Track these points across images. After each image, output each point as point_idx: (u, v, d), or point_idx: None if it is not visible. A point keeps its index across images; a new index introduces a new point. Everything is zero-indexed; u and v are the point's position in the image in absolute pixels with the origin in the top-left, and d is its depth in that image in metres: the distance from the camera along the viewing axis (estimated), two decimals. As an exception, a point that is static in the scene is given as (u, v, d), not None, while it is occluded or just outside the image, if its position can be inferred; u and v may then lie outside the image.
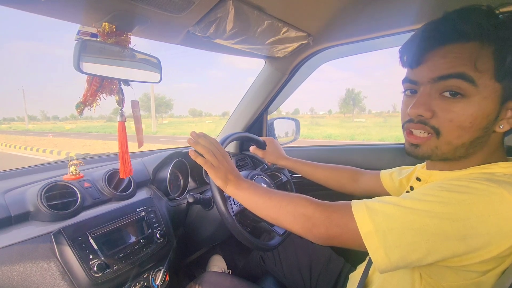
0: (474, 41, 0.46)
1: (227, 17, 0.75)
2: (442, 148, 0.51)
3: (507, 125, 0.48)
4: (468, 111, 0.47)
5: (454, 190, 0.45)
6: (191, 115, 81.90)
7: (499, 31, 0.44)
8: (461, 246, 0.42)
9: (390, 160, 1.16)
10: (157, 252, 0.82)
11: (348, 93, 53.92)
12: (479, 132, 0.48)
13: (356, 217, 0.48)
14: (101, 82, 0.67)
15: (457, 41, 0.47)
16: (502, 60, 0.44)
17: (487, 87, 0.46)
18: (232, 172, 0.71)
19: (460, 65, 0.46)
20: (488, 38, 0.45)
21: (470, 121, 0.47)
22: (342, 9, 0.83)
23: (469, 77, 0.46)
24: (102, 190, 0.82)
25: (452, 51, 0.47)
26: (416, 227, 0.44)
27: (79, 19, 0.64)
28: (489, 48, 0.45)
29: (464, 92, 0.47)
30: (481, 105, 0.46)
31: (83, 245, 0.67)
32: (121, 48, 0.68)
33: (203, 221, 0.97)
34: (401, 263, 0.45)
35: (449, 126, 0.49)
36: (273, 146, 1.04)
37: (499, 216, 0.42)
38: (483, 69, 0.45)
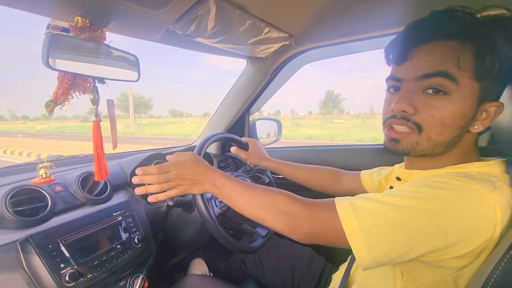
0: (457, 40, 0.47)
1: (208, 15, 0.73)
2: (422, 144, 0.52)
3: (481, 126, 0.50)
4: (449, 108, 0.48)
5: (435, 186, 0.46)
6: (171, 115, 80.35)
7: (480, 32, 0.46)
8: (441, 241, 0.43)
9: (369, 160, 1.19)
10: (135, 258, 0.79)
11: (328, 95, 55.14)
12: (457, 131, 0.50)
13: (340, 215, 0.48)
14: (74, 79, 0.63)
15: (441, 39, 0.48)
16: (482, 60, 0.46)
17: (467, 86, 0.47)
18: (200, 173, 0.65)
19: (443, 63, 0.48)
20: (470, 37, 0.46)
21: (450, 118, 0.49)
22: (324, 11, 0.83)
23: (452, 75, 0.47)
24: (75, 194, 0.78)
25: (436, 49, 0.49)
26: (399, 223, 0.44)
27: (49, 12, 0.60)
28: (470, 48, 0.46)
29: (446, 90, 0.48)
30: (461, 104, 0.48)
31: (53, 253, 0.62)
32: (95, 44, 0.65)
33: (184, 224, 0.95)
34: (384, 260, 0.46)
35: (431, 122, 0.50)
36: (256, 148, 1.03)
37: (476, 212, 0.43)
38: (464, 67, 0.47)
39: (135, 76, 0.76)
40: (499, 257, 0.41)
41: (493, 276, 0.41)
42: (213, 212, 0.75)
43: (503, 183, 0.48)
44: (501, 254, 0.41)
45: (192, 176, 0.65)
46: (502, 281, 0.40)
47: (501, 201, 0.44)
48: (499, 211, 0.43)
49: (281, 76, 1.26)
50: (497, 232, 0.43)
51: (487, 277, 0.42)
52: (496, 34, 0.45)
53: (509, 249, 0.41)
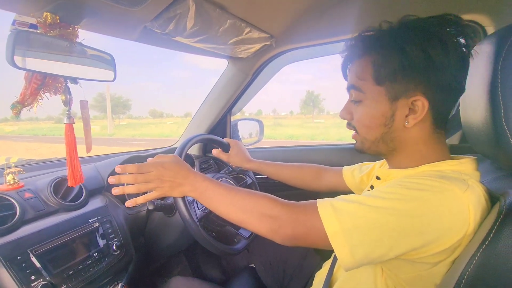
0: (362, 57, 0.56)
1: (187, 13, 0.71)
2: (365, 143, 0.60)
3: (412, 121, 0.54)
4: (364, 111, 0.57)
5: (412, 188, 0.48)
6: (151, 116, 78.41)
7: (376, 46, 0.54)
8: (419, 240, 0.45)
9: (349, 158, 1.22)
10: (113, 265, 0.76)
11: (308, 95, 55.95)
12: (382, 128, 0.56)
13: (322, 217, 0.49)
14: (44, 79, 0.59)
15: (355, 59, 0.58)
16: (378, 68, 0.53)
17: (372, 91, 0.55)
18: (181, 176, 0.63)
19: (352, 78, 0.58)
20: (369, 52, 0.55)
21: (368, 119, 0.57)
22: (304, 12, 0.84)
23: (357, 86, 0.57)
24: (47, 201, 0.74)
25: (352, 67, 0.59)
26: (379, 224, 0.46)
27: (14, 8, 0.56)
28: (370, 60, 0.55)
29: (358, 98, 0.58)
30: (372, 106, 0.56)
31: (23, 265, 0.59)
32: (67, 42, 0.61)
33: (165, 228, 0.92)
34: (365, 260, 0.47)
35: (358, 125, 0.60)
36: (238, 149, 1.02)
37: (451, 211, 0.45)
38: (365, 77, 0.55)
39: (111, 76, 0.73)
40: (472, 252, 0.43)
41: (468, 270, 0.43)
42: (195, 215, 0.73)
43: (475, 180, 0.51)
44: (474, 249, 0.43)
45: (173, 178, 0.63)
46: (476, 275, 0.42)
47: (473, 199, 0.47)
48: (472, 209, 0.46)
49: (262, 77, 1.26)
50: (470, 229, 0.46)
51: (461, 271, 0.43)
52: (392, 45, 0.52)
53: (481, 244, 0.43)
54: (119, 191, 0.62)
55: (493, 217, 0.45)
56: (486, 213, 0.48)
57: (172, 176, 0.63)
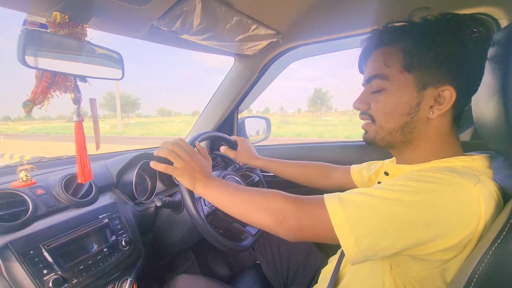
0: (388, 46, 0.56)
1: (194, 11, 0.71)
2: (380, 132, 0.59)
3: (437, 111, 0.53)
4: (388, 99, 0.56)
5: (421, 180, 0.47)
6: (159, 114, 79.17)
7: (409, 35, 0.54)
8: (426, 233, 0.44)
9: (357, 156, 1.21)
10: (122, 261, 0.77)
11: (316, 93, 55.51)
12: (404, 117, 0.55)
13: (328, 208, 0.49)
14: (53, 78, 0.60)
15: (378, 47, 0.58)
16: (408, 55, 0.53)
17: (399, 79, 0.55)
18: (200, 171, 0.67)
19: (375, 67, 0.58)
20: (401, 40, 0.55)
21: (391, 107, 0.56)
22: (311, 8, 0.83)
23: (382, 75, 0.56)
24: (58, 197, 0.75)
25: (374, 57, 0.59)
26: (385, 215, 0.45)
27: (24, 8, 0.57)
28: (399, 47, 0.54)
29: (382, 87, 0.57)
30: (398, 94, 0.55)
31: (35, 259, 0.60)
32: (76, 41, 0.62)
33: (173, 225, 0.93)
34: (370, 252, 0.46)
35: (378, 113, 0.58)
36: (245, 146, 1.03)
37: (461, 204, 0.44)
38: (392, 65, 0.55)
39: (119, 74, 0.73)
40: (484, 250, 0.42)
41: (479, 269, 0.42)
42: (202, 211, 0.74)
43: (487, 177, 0.50)
44: (486, 247, 0.42)
45: (192, 170, 0.66)
46: (488, 274, 0.41)
47: (484, 194, 0.45)
48: (483, 204, 0.44)
49: (269, 74, 1.25)
50: (481, 224, 0.45)
51: (472, 270, 0.42)
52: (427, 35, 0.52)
53: (493, 242, 0.42)
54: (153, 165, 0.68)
55: (506, 215, 0.44)
56: (499, 210, 0.47)
57: (196, 169, 0.67)
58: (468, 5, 0.78)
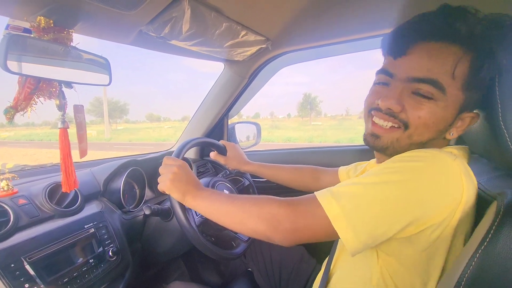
0: (462, 45, 0.47)
1: (183, 17, 0.71)
2: (402, 141, 0.53)
3: (456, 133, 0.54)
4: (434, 111, 0.50)
5: (404, 160, 0.49)
6: (148, 120, 78.08)
7: (483, 42, 0.46)
8: (419, 209, 0.45)
9: (347, 160, 1.21)
10: (110, 272, 0.74)
11: (306, 98, 56.06)
12: (436, 134, 0.52)
13: (322, 203, 0.49)
14: (37, 84, 0.59)
15: (446, 40, 0.47)
16: (476, 71, 0.46)
17: (453, 96, 0.49)
18: (190, 183, 0.67)
19: (438, 71, 0.48)
20: (473, 45, 0.46)
21: (433, 121, 0.50)
22: (300, 14, 0.84)
23: (441, 85, 0.48)
24: (41, 207, 0.72)
25: (437, 51, 0.48)
26: (378, 199, 0.46)
27: (7, 12, 0.55)
28: (468, 56, 0.47)
29: (433, 96, 0.49)
30: (444, 110, 0.50)
31: (16, 272, 0.57)
32: (61, 46, 0.61)
33: (162, 233, 0.91)
34: (369, 240, 0.47)
35: (417, 122, 0.51)
36: (235, 152, 1.02)
37: (446, 176, 0.46)
38: (457, 77, 0.47)
39: (106, 80, 0.72)
40: (471, 254, 0.43)
41: (467, 272, 0.42)
42: (193, 220, 0.73)
43: (464, 159, 0.52)
44: (473, 250, 0.43)
45: (180, 181, 0.66)
46: (475, 277, 0.42)
47: (463, 169, 0.47)
48: (464, 178, 0.46)
49: (259, 79, 1.26)
50: (464, 197, 0.46)
51: (460, 273, 0.43)
52: (495, 45, 0.45)
53: (480, 245, 0.42)
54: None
55: (490, 217, 0.44)
56: (475, 191, 0.48)
57: (185, 180, 0.67)
58: None
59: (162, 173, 0.69)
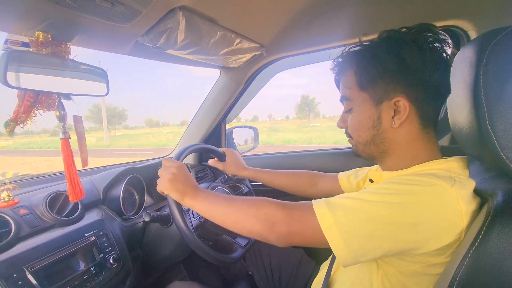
0: (348, 69, 0.63)
1: (177, 27, 0.73)
2: (358, 146, 0.65)
3: (398, 121, 0.57)
4: (354, 117, 0.63)
5: (403, 183, 0.50)
6: (147, 125, 78.05)
7: (357, 58, 0.60)
8: (413, 233, 0.46)
9: (345, 163, 1.23)
10: (111, 279, 0.75)
11: (303, 99, 56.18)
12: (371, 131, 0.60)
13: (316, 212, 0.51)
14: (36, 96, 0.60)
15: (343, 72, 0.64)
16: (359, 76, 0.59)
17: (357, 98, 0.61)
18: (189, 184, 0.69)
19: (342, 89, 0.65)
20: (351, 64, 0.62)
21: (357, 123, 0.62)
22: (293, 21, 0.86)
23: (345, 96, 0.64)
24: (42, 216, 0.73)
25: (342, 80, 0.65)
26: (371, 217, 0.47)
27: (6, 27, 0.57)
28: (352, 70, 0.61)
29: (349, 107, 0.63)
30: (360, 111, 0.61)
31: (19, 283, 0.58)
32: (59, 60, 0.62)
33: (162, 239, 0.92)
34: (360, 252, 0.48)
35: (351, 130, 0.64)
36: (233, 157, 1.03)
37: (442, 204, 0.47)
38: (351, 86, 0.61)
39: (103, 90, 0.73)
40: (463, 254, 0.44)
41: (459, 272, 0.43)
42: (191, 224, 0.74)
43: (464, 176, 0.53)
44: (465, 251, 0.44)
45: (179, 182, 0.68)
46: (468, 277, 0.43)
47: (462, 193, 0.48)
48: (462, 203, 0.47)
49: (255, 84, 1.28)
50: (464, 223, 0.47)
51: (453, 274, 0.44)
52: (367, 56, 0.58)
53: (471, 246, 0.43)
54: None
55: (482, 218, 0.45)
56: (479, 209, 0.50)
57: (184, 181, 0.69)
58: (440, 18, 0.83)
59: (161, 174, 0.71)
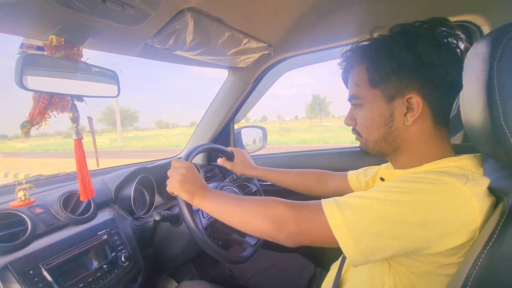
0: (358, 64, 0.60)
1: (186, 29, 0.74)
2: (368, 144, 0.63)
3: (411, 118, 0.55)
4: (364, 114, 0.61)
5: (414, 181, 0.49)
6: (157, 127, 79.11)
7: (369, 53, 0.58)
8: (423, 232, 0.45)
9: (353, 162, 1.22)
10: (123, 277, 0.77)
11: (315, 99, 55.79)
12: (383, 128, 0.59)
13: (325, 211, 0.51)
14: (51, 99, 0.62)
15: (353, 67, 0.62)
16: (371, 73, 0.57)
17: (368, 95, 0.59)
18: (198, 184, 0.70)
19: (351, 87, 0.62)
20: (362, 60, 0.59)
21: (368, 121, 0.60)
22: (300, 20, 0.86)
23: (355, 95, 0.61)
24: (56, 215, 0.76)
25: (351, 76, 0.62)
26: (381, 215, 0.47)
27: (21, 32, 0.59)
28: (365, 66, 0.58)
29: (358, 104, 0.61)
30: (371, 108, 0.59)
31: (35, 279, 0.60)
32: (72, 62, 0.64)
33: (172, 238, 0.93)
34: (369, 251, 0.47)
35: (361, 128, 0.63)
36: (241, 157, 1.04)
37: (454, 203, 0.46)
38: (361, 83, 0.59)
39: (114, 92, 0.75)
40: (477, 254, 0.43)
41: (473, 272, 0.42)
42: (201, 223, 0.74)
43: (478, 174, 0.51)
44: (479, 250, 0.43)
45: (189, 183, 0.69)
46: (482, 277, 0.42)
47: (476, 191, 0.47)
48: (475, 201, 0.46)
49: (263, 84, 1.28)
50: (478, 222, 0.46)
51: (467, 274, 0.43)
52: (381, 51, 0.56)
53: (485, 245, 0.42)
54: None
55: (496, 217, 0.44)
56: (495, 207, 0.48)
57: (193, 182, 0.70)
58: (451, 13, 0.81)
59: (171, 175, 0.72)
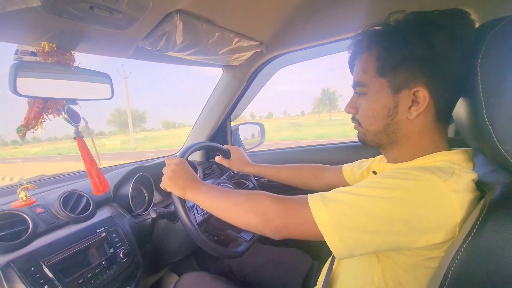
0: (367, 50, 0.57)
1: (175, 30, 0.75)
2: (367, 134, 0.62)
3: (415, 112, 0.54)
4: (367, 104, 0.59)
5: (397, 177, 0.50)
6: (164, 127, 79.42)
7: (381, 40, 0.55)
8: (404, 228, 0.46)
9: (350, 157, 1.21)
10: (121, 273, 0.80)
11: (324, 93, 55.09)
12: (385, 120, 0.57)
13: (311, 206, 0.52)
14: (45, 103, 0.64)
15: (360, 53, 0.59)
16: (381, 61, 0.54)
17: (374, 84, 0.57)
18: (189, 178, 0.72)
19: (357, 73, 0.59)
20: (374, 45, 0.56)
21: (371, 111, 0.59)
22: (290, 17, 0.86)
23: (361, 82, 0.59)
24: (57, 214, 0.79)
25: (357, 63, 0.60)
26: (365, 211, 0.48)
27: (13, 39, 0.61)
28: (374, 53, 0.56)
29: (362, 92, 0.59)
30: (375, 98, 0.57)
31: (36, 275, 0.63)
32: (64, 67, 0.66)
33: (170, 234, 0.96)
34: (353, 246, 0.49)
35: (362, 117, 0.61)
36: (238, 154, 1.05)
37: (433, 200, 0.46)
38: (368, 71, 0.57)
39: (108, 94, 0.77)
40: (457, 248, 0.44)
41: (453, 265, 0.43)
42: (195, 219, 0.77)
43: (466, 169, 0.52)
44: (459, 244, 0.44)
45: (180, 178, 0.71)
46: (461, 270, 0.43)
47: (457, 187, 0.47)
48: (455, 197, 0.46)
49: (258, 81, 1.29)
50: (459, 218, 0.46)
51: (447, 267, 0.44)
52: (394, 38, 0.53)
53: (465, 239, 0.43)
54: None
55: (476, 213, 0.45)
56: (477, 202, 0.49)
57: (185, 177, 0.72)
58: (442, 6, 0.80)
59: (164, 172, 0.74)
